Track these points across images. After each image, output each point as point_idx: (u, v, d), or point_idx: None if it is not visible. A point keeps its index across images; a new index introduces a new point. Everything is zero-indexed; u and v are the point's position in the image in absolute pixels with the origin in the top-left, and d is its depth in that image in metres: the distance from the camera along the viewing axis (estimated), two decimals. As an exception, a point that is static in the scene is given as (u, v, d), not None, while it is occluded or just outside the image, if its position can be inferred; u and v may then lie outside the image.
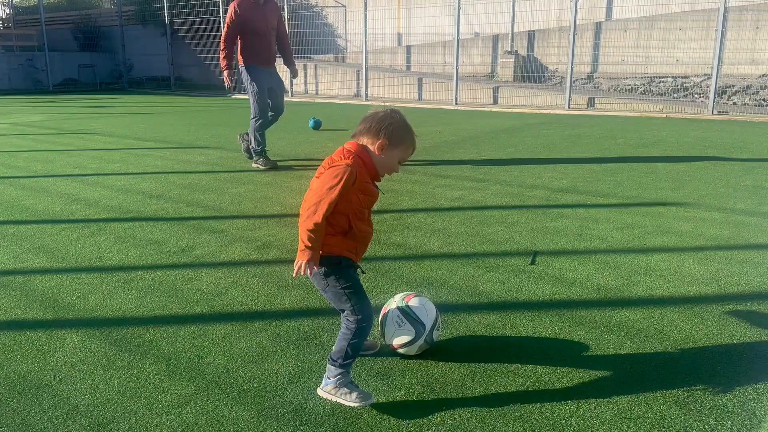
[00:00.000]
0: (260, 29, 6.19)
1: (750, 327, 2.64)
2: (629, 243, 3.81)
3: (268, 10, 6.28)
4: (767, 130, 9.03)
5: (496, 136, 8.81)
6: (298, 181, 5.85)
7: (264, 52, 6.29)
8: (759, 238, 3.87)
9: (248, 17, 6.12)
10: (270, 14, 6.30)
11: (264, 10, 6.23)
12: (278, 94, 6.53)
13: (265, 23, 6.23)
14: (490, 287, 3.13)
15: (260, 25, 6.18)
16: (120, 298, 3.06)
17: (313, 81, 18.46)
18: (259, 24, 6.18)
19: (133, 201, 5.07)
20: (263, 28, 6.21)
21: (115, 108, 14.29)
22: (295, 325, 2.73)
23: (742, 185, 5.35)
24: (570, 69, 13.00)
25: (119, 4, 22.10)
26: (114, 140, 8.75)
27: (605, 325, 2.69)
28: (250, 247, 3.85)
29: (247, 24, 6.12)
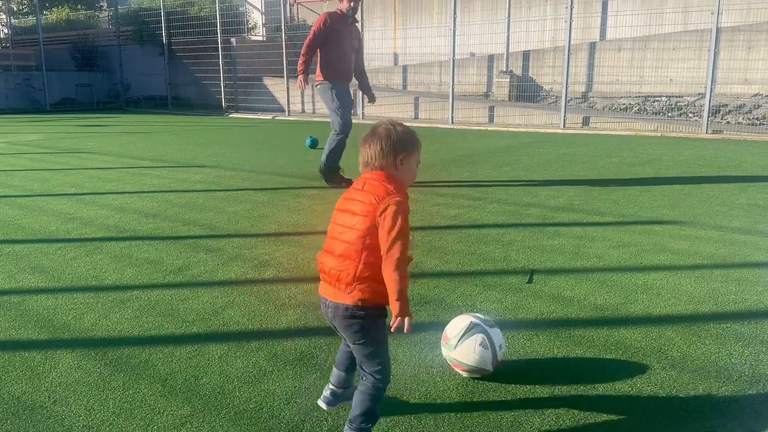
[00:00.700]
0: (344, 46, 6.22)
1: (748, 346, 2.64)
2: (626, 261, 3.82)
3: (353, 30, 6.33)
4: (761, 149, 9.10)
5: (492, 155, 8.85)
6: (295, 199, 5.86)
7: (346, 69, 6.31)
8: (755, 256, 3.88)
9: (336, 30, 6.13)
10: (354, 35, 6.34)
11: (351, 29, 6.28)
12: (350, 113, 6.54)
13: (350, 41, 6.27)
14: (487, 306, 3.13)
15: (345, 42, 6.21)
16: (116, 317, 3.04)
17: (310, 100, 18.55)
18: (345, 41, 6.20)
19: (129, 220, 5.06)
20: (347, 46, 6.24)
21: (112, 127, 14.32)
22: (292, 345, 2.72)
23: (737, 204, 5.37)
24: (565, 88, 13.10)
25: (117, 25, 22.25)
26: (111, 159, 8.76)
27: (603, 344, 2.68)
28: (247, 266, 3.84)
29: (334, 38, 6.13)
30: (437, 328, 2.84)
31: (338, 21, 6.15)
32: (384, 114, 16.58)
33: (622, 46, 14.80)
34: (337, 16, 6.17)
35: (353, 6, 6.10)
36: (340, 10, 6.19)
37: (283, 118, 17.13)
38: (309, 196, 6.02)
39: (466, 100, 15.61)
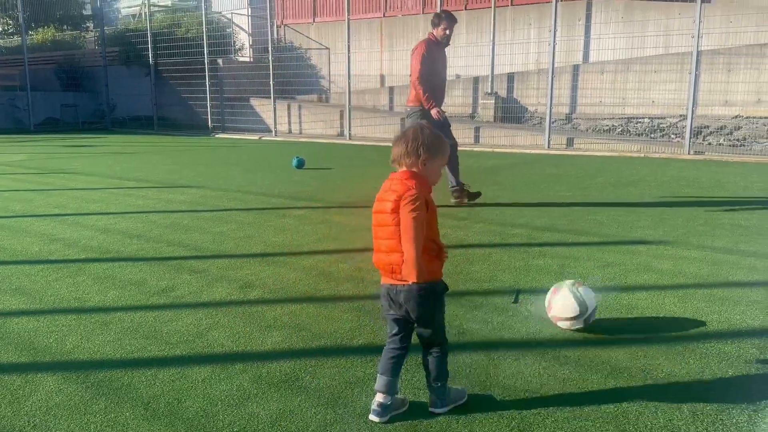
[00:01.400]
0: (439, 71, 6.24)
1: (731, 365, 2.65)
2: (610, 281, 3.84)
3: (444, 55, 6.35)
4: (742, 170, 9.23)
5: (479, 175, 8.89)
6: (282, 219, 5.84)
7: (440, 93, 6.32)
8: (737, 275, 3.92)
9: (433, 57, 6.15)
10: (444, 59, 6.37)
11: (444, 53, 6.30)
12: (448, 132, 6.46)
13: (443, 66, 6.30)
14: (474, 326, 3.13)
15: (440, 67, 6.24)
16: (98, 340, 3.00)
17: (297, 121, 18.61)
18: (440, 66, 6.23)
19: (113, 241, 5.02)
20: (441, 70, 6.27)
21: (97, 147, 14.25)
22: (276, 367, 2.69)
23: (720, 223, 5.43)
24: (549, 110, 13.26)
25: (103, 45, 22.25)
26: (95, 180, 8.70)
27: (589, 364, 2.68)
28: (232, 287, 3.81)
29: (432, 65, 6.13)
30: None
31: (433, 47, 6.17)
32: (371, 135, 16.65)
33: (605, 68, 15.03)
34: (432, 43, 6.18)
35: (448, 34, 6.13)
36: (434, 37, 6.20)
37: (269, 138, 17.15)
38: (295, 216, 6.01)
39: (452, 121, 15.68)
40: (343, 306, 3.47)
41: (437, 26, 6.18)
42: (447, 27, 6.12)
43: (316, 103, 19.47)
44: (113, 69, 22.27)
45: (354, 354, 2.82)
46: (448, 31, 6.12)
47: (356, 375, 2.61)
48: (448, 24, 6.13)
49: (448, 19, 6.17)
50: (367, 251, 4.55)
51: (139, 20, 23.45)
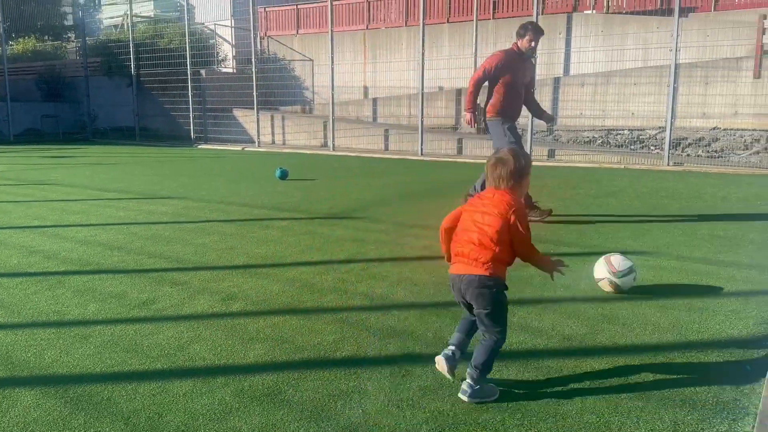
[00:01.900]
0: (517, 83, 6.11)
1: (711, 375, 2.68)
2: (592, 292, 3.87)
3: (528, 66, 6.24)
4: (720, 181, 9.38)
5: (462, 186, 8.92)
6: (265, 231, 5.82)
7: (518, 105, 6.21)
8: (716, 285, 3.97)
9: (510, 68, 6.02)
10: (527, 71, 6.25)
11: (525, 64, 6.18)
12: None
13: (523, 78, 6.18)
14: (456, 338, 3.13)
15: (518, 78, 6.10)
16: (77, 354, 2.96)
17: (280, 131, 18.59)
18: (518, 77, 6.10)
19: (93, 253, 4.96)
20: (519, 82, 6.14)
21: (78, 158, 14.12)
22: (259, 380, 2.68)
23: (699, 234, 5.51)
24: (530, 122, 13.38)
25: (85, 56, 22.10)
26: (75, 191, 8.61)
27: (571, 375, 2.70)
28: (214, 300, 3.79)
29: (507, 75, 6.02)
30: (406, 361, 2.84)
31: (513, 58, 6.05)
32: (355, 146, 16.67)
33: (585, 81, 15.22)
34: (512, 54, 6.06)
35: (533, 46, 6.01)
36: (517, 47, 6.08)
37: (253, 149, 17.10)
38: (279, 227, 5.99)
39: (435, 133, 15.81)
40: (327, 318, 3.45)
41: (522, 37, 6.03)
42: (533, 39, 5.98)
43: (300, 114, 19.48)
44: (95, 79, 22.12)
45: (337, 366, 2.81)
46: (533, 43, 5.98)
47: (340, 387, 2.60)
48: (534, 36, 5.98)
49: (535, 31, 6.01)
50: (350, 262, 4.56)
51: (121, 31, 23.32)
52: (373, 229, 5.86)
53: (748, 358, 2.85)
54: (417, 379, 2.67)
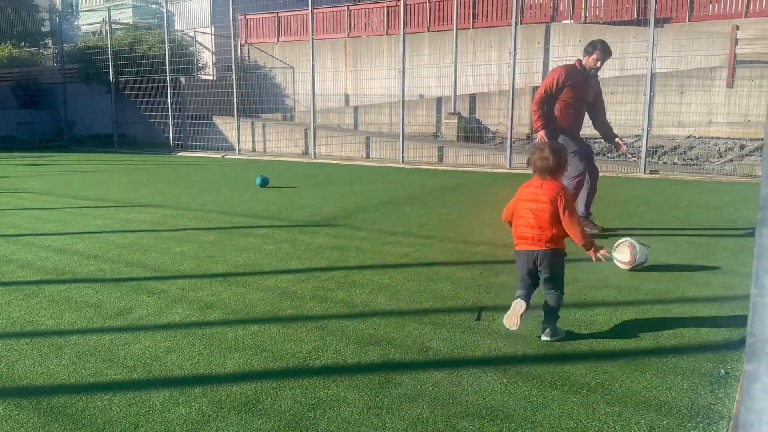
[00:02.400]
0: (576, 100, 5.92)
1: (686, 379, 2.72)
2: (571, 297, 3.88)
3: (591, 83, 6.03)
4: (696, 188, 9.53)
5: (442, 194, 8.98)
6: (244, 239, 5.78)
7: (575, 123, 5.99)
8: (692, 291, 4.02)
9: (571, 84, 5.84)
10: (590, 88, 6.04)
11: (588, 82, 5.98)
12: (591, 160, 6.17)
13: (585, 95, 5.98)
14: (437, 344, 3.13)
15: (579, 95, 5.91)
16: (52, 364, 2.91)
17: (261, 139, 18.52)
18: (579, 94, 5.91)
19: (69, 262, 4.89)
20: (579, 99, 5.95)
21: (55, 166, 13.93)
22: (237, 390, 2.65)
23: (675, 240, 5.58)
24: (510, 130, 13.50)
25: (62, 62, 21.85)
26: (52, 199, 8.49)
27: (549, 381, 2.71)
28: (192, 308, 3.75)
29: (568, 92, 5.85)
30: (386, 369, 2.84)
31: (574, 75, 5.87)
32: (336, 153, 16.67)
33: (564, 89, 15.39)
34: (574, 70, 5.89)
35: (599, 66, 5.84)
36: (580, 64, 5.91)
37: (233, 156, 17.02)
38: (259, 235, 5.96)
39: (416, 140, 15.87)
40: (307, 326, 3.44)
41: (589, 55, 5.85)
42: (600, 59, 5.81)
43: (281, 121, 19.44)
44: (72, 86, 21.88)
45: (317, 375, 2.80)
46: (599, 63, 5.83)
47: (319, 396, 2.59)
48: (602, 56, 5.81)
49: (603, 51, 5.81)
50: (331, 269, 4.55)
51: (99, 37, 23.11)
52: (353, 236, 5.85)
53: (723, 362, 2.89)
54: (397, 387, 2.66)
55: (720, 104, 13.23)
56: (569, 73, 5.89)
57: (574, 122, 6.00)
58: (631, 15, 16.10)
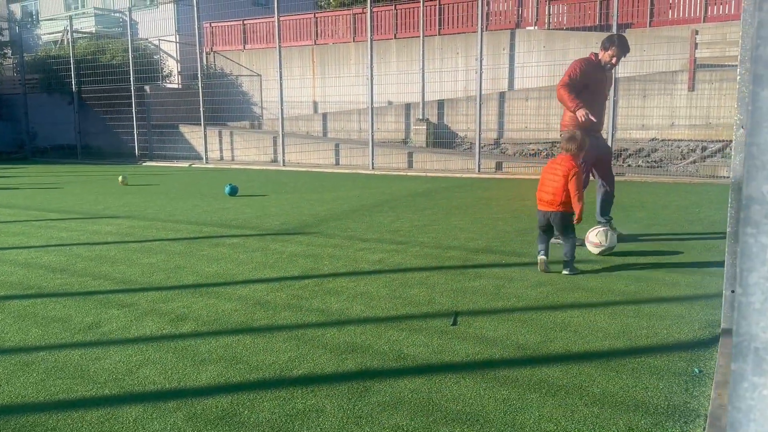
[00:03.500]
0: (594, 93, 5.71)
1: (662, 378, 2.75)
2: (543, 300, 3.93)
3: (606, 77, 5.86)
4: (660, 189, 9.73)
5: (413, 199, 9.00)
6: (215, 248, 5.70)
7: (598, 117, 5.73)
8: (662, 291, 4.09)
9: (589, 79, 5.65)
10: (608, 82, 5.89)
11: (605, 75, 5.81)
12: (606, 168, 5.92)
13: (601, 88, 5.79)
14: (414, 350, 3.12)
15: (596, 89, 5.71)
16: (19, 382, 2.82)
17: (229, 147, 18.34)
18: (598, 86, 5.73)
19: (34, 276, 4.75)
20: (600, 93, 5.78)
21: (16, 178, 13.57)
22: (212, 403, 2.60)
23: (642, 241, 5.68)
24: (478, 135, 13.62)
25: (23, 73, 21.34)
26: (14, 212, 8.26)
27: (527, 384, 2.72)
28: (163, 321, 3.67)
29: (588, 85, 5.65)
30: (365, 377, 2.82)
31: (591, 68, 5.68)
32: (305, 161, 16.59)
33: (530, 95, 15.60)
34: (591, 63, 5.70)
35: (614, 63, 5.66)
36: (595, 57, 5.72)
37: (200, 165, 16.82)
38: (229, 244, 5.88)
39: (385, 147, 15.90)
40: (282, 336, 3.40)
41: (606, 50, 5.67)
42: (615, 55, 5.63)
43: (249, 129, 19.28)
44: (33, 97, 21.39)
45: (294, 385, 2.76)
46: (614, 59, 5.66)
47: (297, 407, 2.55)
48: (618, 53, 5.63)
49: (620, 47, 5.64)
50: (304, 278, 4.51)
51: (61, 47, 22.63)
52: (326, 243, 5.82)
53: (696, 361, 2.94)
54: (376, 395, 2.64)
55: (682, 107, 13.56)
56: (586, 66, 5.70)
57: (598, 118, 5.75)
58: (594, 21, 16.42)
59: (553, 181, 4.48)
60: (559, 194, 4.43)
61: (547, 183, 4.54)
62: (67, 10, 26.89)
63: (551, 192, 4.47)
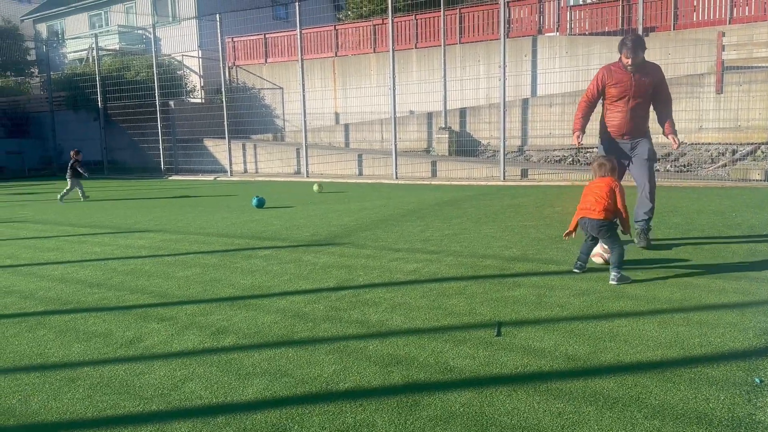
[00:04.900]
0: (619, 98, 5.60)
1: (721, 389, 2.66)
2: (588, 309, 3.85)
3: (639, 77, 5.56)
4: (692, 194, 9.55)
5: (440, 208, 8.94)
6: (248, 261, 5.69)
7: (619, 123, 5.65)
8: (709, 298, 3.98)
9: (612, 84, 5.58)
10: (636, 85, 5.57)
11: (630, 78, 5.55)
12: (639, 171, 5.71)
13: (626, 92, 5.58)
14: (461, 362, 3.06)
15: (620, 93, 5.58)
16: (66, 398, 2.81)
17: (253, 160, 18.46)
18: (619, 92, 5.59)
19: (72, 291, 4.78)
20: (622, 97, 5.60)
21: (46, 194, 13.78)
22: (261, 418, 2.57)
23: (682, 247, 5.56)
24: (502, 142, 13.53)
25: (50, 91, 21.73)
26: (47, 227, 8.36)
27: (581, 396, 2.65)
28: (204, 334, 3.66)
29: (610, 90, 5.60)
30: (413, 390, 2.77)
31: (613, 73, 5.58)
32: (328, 172, 16.62)
33: (553, 101, 15.48)
34: (610, 70, 5.61)
35: (630, 64, 5.45)
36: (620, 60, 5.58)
37: (225, 178, 16.93)
38: (262, 256, 5.87)
39: (408, 156, 15.88)
40: (324, 348, 3.36)
41: (620, 52, 5.55)
42: (628, 55, 5.45)
43: (272, 141, 19.40)
44: (60, 114, 21.77)
45: (342, 399, 2.71)
46: (630, 60, 5.46)
47: (347, 421, 2.51)
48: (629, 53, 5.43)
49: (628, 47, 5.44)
50: (340, 289, 4.47)
51: (86, 64, 23.03)
52: (358, 254, 5.78)
53: (755, 370, 2.84)
54: (426, 409, 2.59)
55: (710, 110, 13.34)
56: (607, 73, 5.65)
57: (622, 122, 5.65)
58: (616, 25, 16.27)
59: (598, 193, 4.59)
60: (603, 200, 4.53)
61: (589, 196, 4.64)
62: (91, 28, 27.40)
63: (594, 200, 4.57)
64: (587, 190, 4.70)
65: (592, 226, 4.54)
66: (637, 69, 5.55)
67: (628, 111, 5.64)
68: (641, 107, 5.66)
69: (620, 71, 5.61)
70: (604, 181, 4.63)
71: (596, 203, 4.52)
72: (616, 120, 5.68)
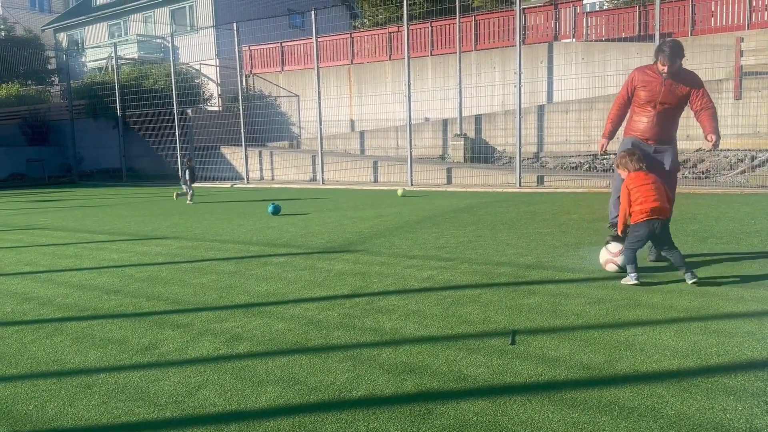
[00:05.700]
0: (646, 102, 5.48)
1: (739, 399, 2.62)
2: (604, 318, 3.81)
3: (671, 83, 5.39)
4: (710, 201, 9.44)
5: (456, 215, 8.92)
6: (263, 267, 5.72)
7: (644, 127, 5.50)
8: (727, 306, 3.93)
9: (642, 88, 5.47)
10: (668, 91, 5.40)
11: (662, 84, 5.40)
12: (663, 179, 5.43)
13: (655, 97, 5.44)
14: (474, 371, 3.05)
15: (650, 98, 5.45)
16: (81, 404, 2.84)
17: (269, 167, 18.57)
18: (650, 97, 5.46)
19: (89, 297, 4.84)
20: (650, 101, 5.47)
21: (65, 201, 13.96)
22: (274, 425, 2.57)
23: (700, 255, 5.49)
24: (518, 149, 13.48)
25: (70, 99, 22.06)
26: (66, 234, 8.47)
27: (597, 405, 2.62)
28: (219, 341, 3.68)
29: (639, 94, 5.49)
30: (426, 399, 2.76)
31: (645, 76, 5.47)
32: (344, 179, 16.67)
33: (569, 107, 15.42)
34: (644, 73, 5.50)
35: (667, 71, 5.29)
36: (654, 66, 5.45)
37: (242, 185, 17.05)
38: (277, 263, 5.90)
39: (423, 163, 15.88)
40: (337, 356, 3.36)
41: (656, 59, 5.42)
42: (664, 63, 5.29)
43: (288, 149, 19.51)
44: (80, 122, 22.08)
45: (355, 407, 2.71)
46: (666, 67, 5.29)
47: (359, 430, 2.50)
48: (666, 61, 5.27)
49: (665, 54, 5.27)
50: (354, 296, 4.48)
51: (105, 73, 23.37)
52: (373, 261, 5.79)
53: (773, 380, 2.79)
54: (439, 418, 2.57)
55: (728, 116, 13.20)
56: (639, 74, 5.53)
57: (647, 127, 5.50)
58: (633, 31, 16.19)
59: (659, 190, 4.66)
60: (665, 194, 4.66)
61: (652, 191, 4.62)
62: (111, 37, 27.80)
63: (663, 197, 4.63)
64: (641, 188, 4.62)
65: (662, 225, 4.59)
66: (671, 75, 5.37)
67: (655, 116, 5.48)
68: (669, 114, 5.48)
69: (653, 75, 5.46)
70: (651, 177, 4.69)
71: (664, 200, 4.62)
72: (642, 124, 5.53)
